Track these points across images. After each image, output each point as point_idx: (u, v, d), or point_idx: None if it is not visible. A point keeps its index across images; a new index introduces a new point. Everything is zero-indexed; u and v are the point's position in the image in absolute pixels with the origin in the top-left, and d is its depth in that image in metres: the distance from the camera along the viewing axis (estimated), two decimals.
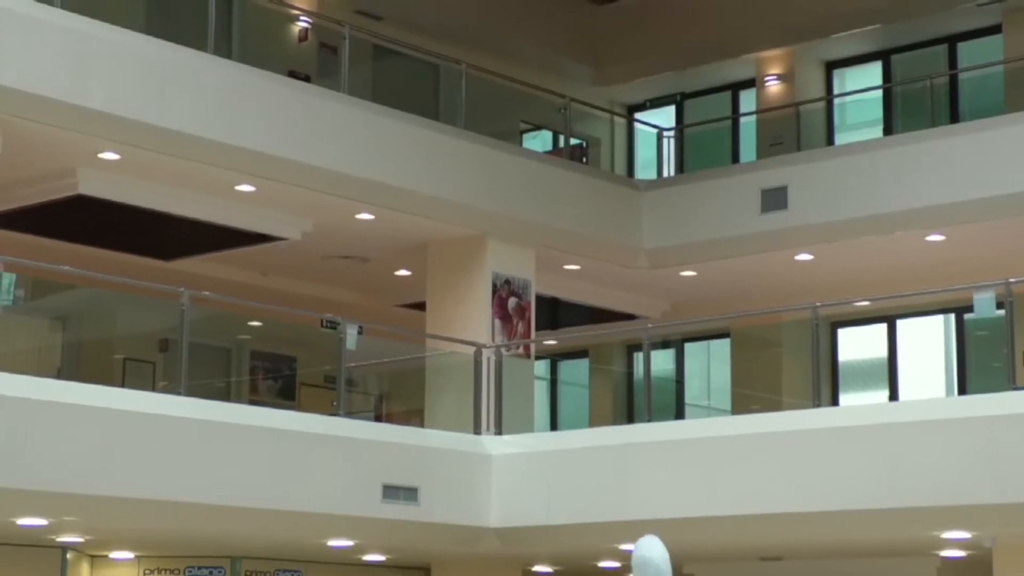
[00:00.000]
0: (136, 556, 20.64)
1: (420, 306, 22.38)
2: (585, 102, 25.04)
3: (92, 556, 20.42)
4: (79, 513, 16.35)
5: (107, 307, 19.91)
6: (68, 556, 19.42)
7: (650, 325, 23.72)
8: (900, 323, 23.86)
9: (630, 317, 24.44)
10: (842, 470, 16.51)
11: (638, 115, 26.13)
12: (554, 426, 25.37)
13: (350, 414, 18.55)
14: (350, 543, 19.39)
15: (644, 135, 25.96)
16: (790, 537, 18.54)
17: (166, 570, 20.83)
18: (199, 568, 20.86)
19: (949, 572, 20.46)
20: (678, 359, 25.60)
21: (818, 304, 19.62)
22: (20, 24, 16.56)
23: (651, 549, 9.31)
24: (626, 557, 15.75)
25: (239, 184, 19.09)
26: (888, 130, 23.52)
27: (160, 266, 20.70)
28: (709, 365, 26.00)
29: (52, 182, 18.30)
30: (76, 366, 17.99)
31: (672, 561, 9.60)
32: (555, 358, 26.47)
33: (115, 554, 20.51)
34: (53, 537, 18.27)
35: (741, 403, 23.99)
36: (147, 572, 20.82)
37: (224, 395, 18.55)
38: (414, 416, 20.23)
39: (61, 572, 19.36)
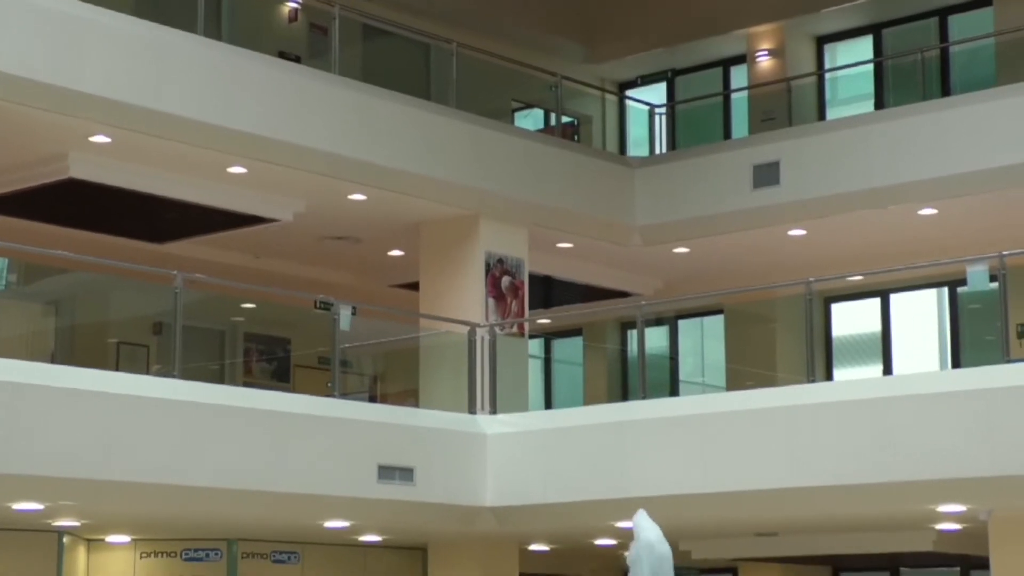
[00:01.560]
0: (132, 539, 20.70)
1: (414, 286, 22.34)
2: (576, 80, 25.03)
3: (88, 540, 20.46)
4: (75, 497, 16.39)
5: (100, 291, 19.94)
6: (64, 540, 19.47)
7: (643, 302, 23.70)
8: (893, 297, 23.89)
9: (624, 295, 24.47)
10: (837, 445, 16.51)
11: (629, 92, 26.15)
12: (549, 404, 25.43)
13: (345, 395, 18.62)
14: (346, 524, 19.43)
15: (636, 112, 25.99)
16: (785, 512, 18.57)
17: (162, 553, 20.87)
18: (195, 551, 20.89)
19: (945, 545, 20.50)
20: (672, 336, 25.63)
21: (811, 279, 19.67)
22: (10, 7, 16.50)
23: (647, 528, 9.34)
24: (622, 535, 15.80)
25: (231, 166, 19.00)
26: (880, 104, 23.51)
27: (153, 249, 20.69)
28: (703, 342, 26.07)
29: (43, 166, 18.25)
30: (70, 350, 18.03)
31: (667, 538, 9.64)
32: (549, 336, 26.50)
33: (111, 538, 20.57)
34: (49, 521, 18.32)
35: (735, 379, 24.02)
36: (143, 555, 20.86)
37: (218, 377, 18.57)
38: (409, 396, 20.24)
39: (58, 556, 19.39)
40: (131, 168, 18.62)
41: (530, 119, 24.93)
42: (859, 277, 22.33)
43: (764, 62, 24.82)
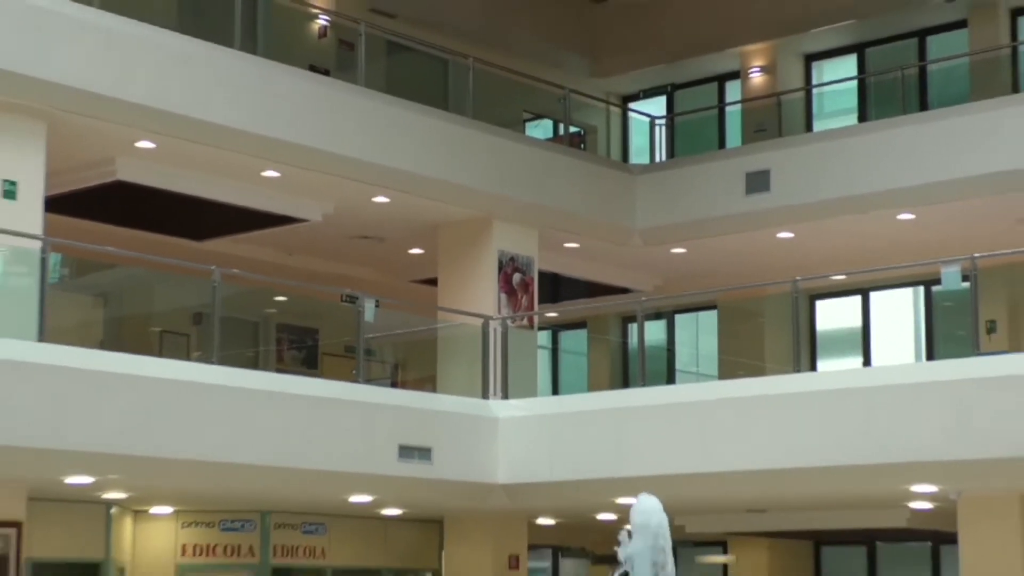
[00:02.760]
0: (174, 511, 20.73)
1: (432, 282, 22.46)
2: (583, 93, 25.06)
3: (135, 511, 20.52)
4: (122, 472, 16.47)
5: (145, 284, 20.00)
6: (112, 511, 19.52)
7: (643, 298, 23.82)
8: (873, 295, 23.92)
9: (625, 291, 24.50)
10: (820, 430, 16.60)
11: (632, 105, 26.16)
12: (555, 391, 25.45)
13: (368, 381, 18.65)
14: (369, 499, 19.54)
15: (637, 123, 26.00)
16: (773, 491, 18.66)
17: (202, 523, 20.93)
18: (232, 521, 20.96)
19: (917, 522, 20.55)
20: (669, 329, 25.65)
21: (798, 278, 19.72)
22: (64, 24, 16.69)
23: (650, 512, 9.43)
24: (622, 510, 15.86)
25: (265, 170, 19.21)
26: (863, 117, 23.55)
27: (193, 246, 20.78)
28: (698, 335, 26.06)
29: (93, 169, 18.41)
30: (117, 338, 18.07)
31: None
32: (556, 329, 26.54)
33: (155, 509, 20.60)
34: (99, 494, 18.37)
35: (727, 369, 24.03)
36: (184, 525, 20.92)
37: (253, 364, 18.63)
38: (427, 382, 20.31)
39: (106, 526, 19.44)
40: (173, 171, 18.80)
41: (540, 129, 24.98)
42: (842, 276, 22.38)
43: (756, 78, 24.86)
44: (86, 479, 16.68)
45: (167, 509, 20.66)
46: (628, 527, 9.84)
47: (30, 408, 14.63)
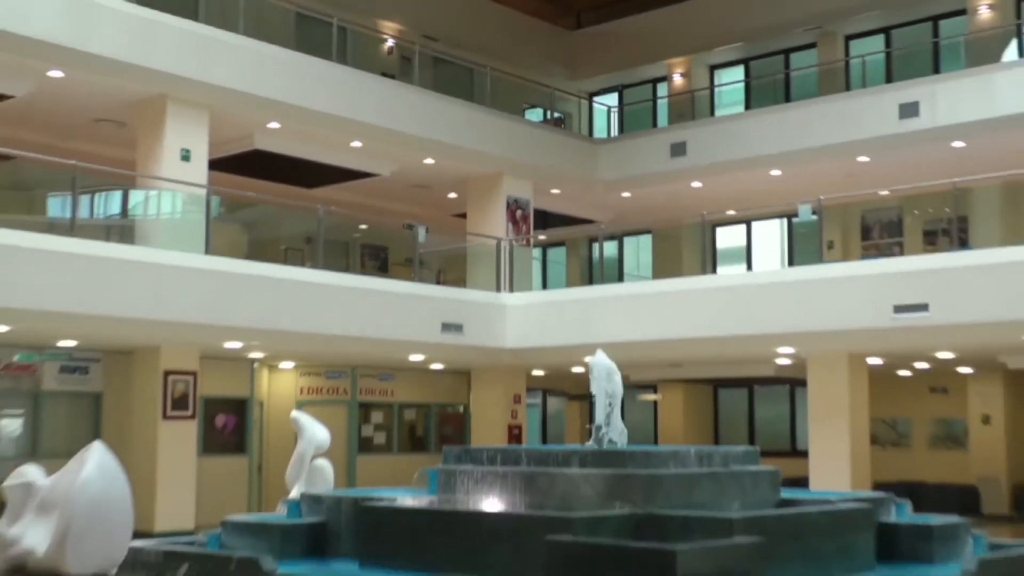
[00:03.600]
0: (295, 365, 20.92)
1: (463, 216, 22.50)
2: (563, 91, 24.96)
3: (269, 365, 20.70)
4: (260, 339, 16.68)
5: (274, 217, 20.03)
6: (255, 365, 19.71)
7: (602, 227, 23.86)
8: (754, 224, 23.91)
9: (590, 222, 24.47)
10: (718, 312, 16.70)
11: (595, 99, 26.02)
12: (545, 287, 25.51)
13: (421, 281, 18.74)
14: (422, 357, 19.73)
15: (599, 111, 25.87)
16: (686, 352, 18.84)
17: (313, 373, 21.09)
18: (332, 372, 21.14)
19: (781, 372, 20.70)
20: (619, 247, 25.65)
21: (704, 213, 19.84)
22: (222, 48, 16.84)
23: (603, 363, 9.46)
24: (588, 364, 15.92)
25: (352, 141, 19.25)
26: (747, 107, 23.45)
27: (305, 192, 20.77)
28: (638, 251, 26.03)
29: (238, 141, 18.45)
30: (256, 253, 18.15)
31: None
32: (545, 247, 26.53)
33: (282, 364, 20.78)
34: (246, 354, 18.56)
35: (658, 273, 24.09)
36: (301, 374, 21.10)
37: (344, 269, 18.70)
38: (460, 282, 20.37)
39: (250, 375, 19.64)
40: (292, 142, 18.86)
41: (534, 114, 24.86)
42: (733, 212, 22.37)
43: (678, 80, 24.74)
44: (237, 344, 16.93)
45: (290, 364, 20.82)
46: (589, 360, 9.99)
47: (201, 298, 14.81)
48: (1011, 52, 19.94)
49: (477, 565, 7.49)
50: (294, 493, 10.49)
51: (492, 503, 8.47)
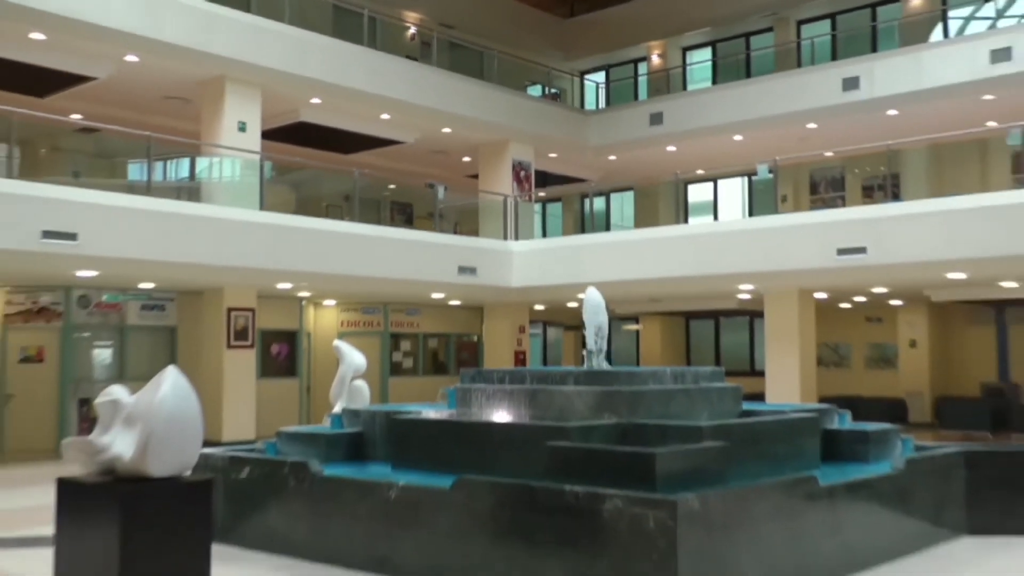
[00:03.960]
0: (336, 302, 20.94)
1: (475, 176, 22.37)
2: (559, 69, 24.76)
3: (314, 302, 20.73)
4: (307, 281, 16.62)
5: (317, 179, 19.94)
6: (303, 303, 19.73)
7: (592, 184, 23.83)
8: (720, 182, 23.85)
9: (582, 180, 24.42)
10: (689, 255, 16.64)
11: (586, 76, 25.82)
12: (544, 235, 25.50)
13: (441, 231, 18.70)
14: (442, 295, 19.68)
15: (589, 86, 25.69)
16: (663, 289, 18.75)
17: (352, 309, 21.06)
18: (368, 308, 21.16)
19: (743, 305, 20.72)
20: (607, 202, 25.59)
21: (678, 172, 19.74)
22: (272, 36, 16.63)
23: (593, 295, 9.45)
24: (580, 300, 15.92)
25: (382, 114, 19.07)
26: (714, 82, 23.26)
27: (343, 157, 20.65)
28: (623, 205, 25.99)
29: (286, 115, 18.31)
30: (302, 210, 18.12)
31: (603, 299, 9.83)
32: (544, 202, 26.50)
33: (326, 302, 20.80)
34: (295, 293, 18.57)
35: (639, 223, 24.07)
36: (342, 310, 21.09)
37: (376, 222, 18.65)
38: (473, 232, 20.32)
39: (299, 311, 19.65)
40: (332, 114, 18.70)
41: (535, 90, 24.67)
42: (702, 172, 22.29)
43: (655, 60, 24.51)
44: (288, 285, 16.87)
45: (332, 301, 20.82)
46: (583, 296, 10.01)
47: (257, 247, 14.79)
48: (937, 33, 19.76)
49: (488, 467, 7.55)
50: (336, 408, 10.53)
51: (501, 415, 8.51)
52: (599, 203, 24.88)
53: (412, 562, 7.11)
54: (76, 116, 17.06)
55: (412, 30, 21.59)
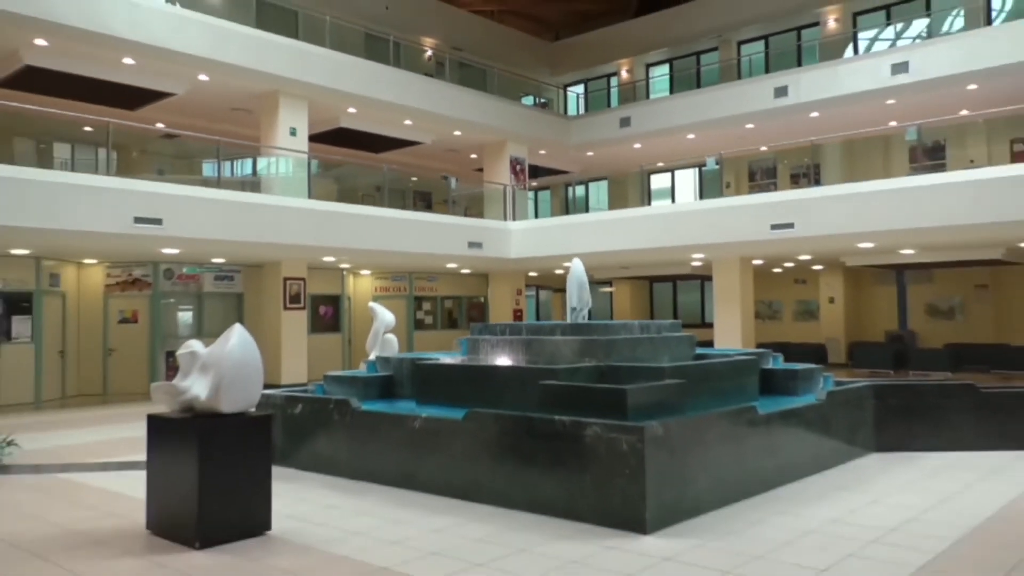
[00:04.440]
0: (371, 272, 20.83)
1: (481, 170, 22.13)
2: (547, 83, 24.46)
3: (354, 272, 20.63)
4: (347, 255, 16.47)
5: (354, 173, 19.77)
6: (344, 273, 19.60)
7: (574, 175, 23.59)
8: (677, 172, 23.65)
9: (566, 172, 24.25)
10: (652, 231, 16.50)
11: (569, 88, 25.56)
12: (537, 216, 25.35)
13: (454, 214, 18.56)
14: (455, 265, 19.51)
15: (571, 96, 25.42)
16: (632, 259, 18.60)
17: (384, 277, 20.83)
18: (396, 276, 21.01)
19: (696, 270, 20.58)
20: (586, 189, 25.46)
21: (643, 165, 19.53)
22: (314, 58, 16.29)
23: (577, 265, 9.39)
24: (566, 268, 15.79)
25: (405, 120, 18.79)
26: (672, 92, 22.99)
27: (375, 155, 20.49)
28: (599, 192, 25.83)
29: (328, 122, 18.05)
30: (343, 198, 17.96)
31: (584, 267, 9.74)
32: (537, 190, 26.35)
33: (363, 271, 20.70)
34: (338, 265, 18.45)
35: (612, 206, 23.90)
36: (375, 278, 20.94)
37: (402, 207, 18.54)
38: (480, 215, 20.18)
39: (341, 279, 19.54)
40: (365, 122, 18.42)
41: (528, 100, 24.43)
42: (662, 164, 22.09)
43: (624, 75, 24.22)
44: (331, 258, 16.75)
45: (368, 271, 20.73)
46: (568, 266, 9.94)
47: (306, 229, 14.67)
48: (849, 51, 19.52)
49: (493, 402, 7.55)
50: (371, 356, 10.47)
51: (503, 360, 8.46)
52: (580, 190, 24.73)
53: (433, 479, 7.13)
54: (160, 125, 16.89)
55: (429, 52, 21.31)
